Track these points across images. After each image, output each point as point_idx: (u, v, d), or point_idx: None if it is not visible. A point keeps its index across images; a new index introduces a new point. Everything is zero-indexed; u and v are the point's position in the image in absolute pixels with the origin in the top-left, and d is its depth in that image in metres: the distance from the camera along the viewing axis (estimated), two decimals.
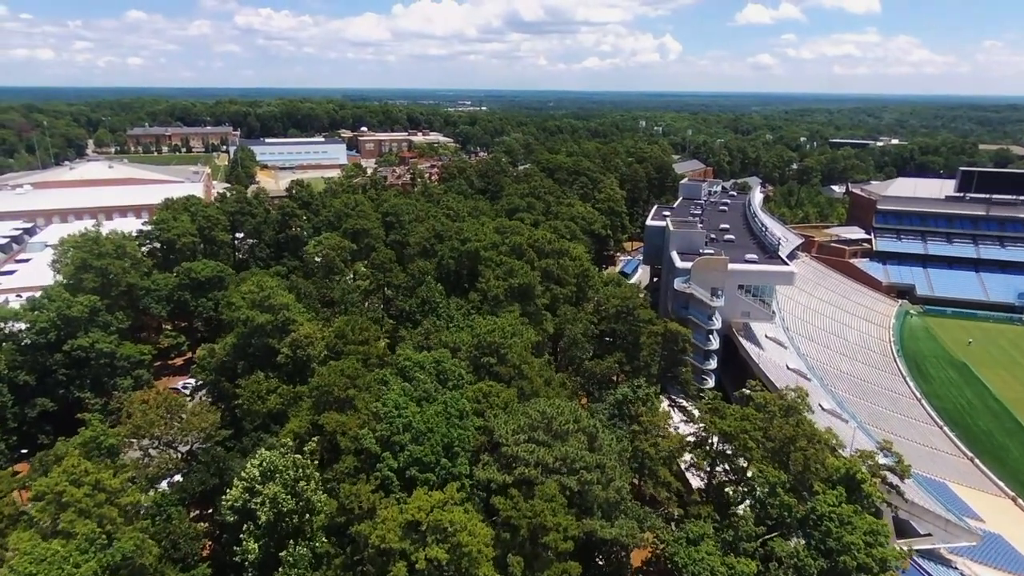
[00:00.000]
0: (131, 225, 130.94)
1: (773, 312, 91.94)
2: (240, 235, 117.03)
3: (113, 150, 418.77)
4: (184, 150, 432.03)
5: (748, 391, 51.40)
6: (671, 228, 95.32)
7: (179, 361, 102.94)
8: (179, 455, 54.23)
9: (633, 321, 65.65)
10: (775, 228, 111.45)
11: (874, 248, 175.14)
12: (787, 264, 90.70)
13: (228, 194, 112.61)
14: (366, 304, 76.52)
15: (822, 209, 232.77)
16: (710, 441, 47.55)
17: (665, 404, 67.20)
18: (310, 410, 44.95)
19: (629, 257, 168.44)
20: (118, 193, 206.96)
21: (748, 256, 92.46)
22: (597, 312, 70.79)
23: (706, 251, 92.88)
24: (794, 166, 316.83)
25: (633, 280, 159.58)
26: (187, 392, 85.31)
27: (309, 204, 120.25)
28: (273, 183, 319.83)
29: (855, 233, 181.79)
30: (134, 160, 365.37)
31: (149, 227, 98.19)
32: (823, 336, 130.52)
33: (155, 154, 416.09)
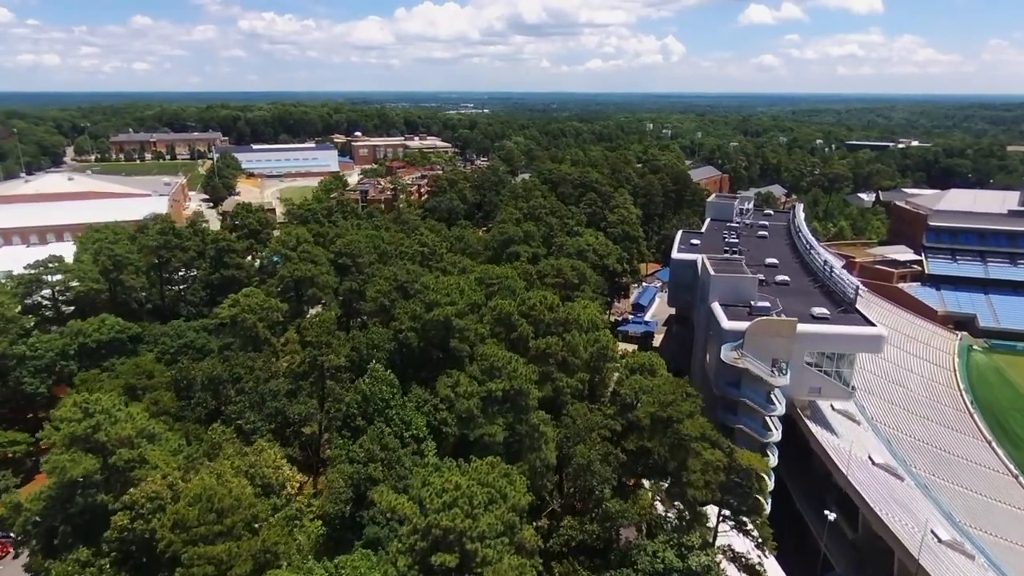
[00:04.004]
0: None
1: (853, 388, 69.09)
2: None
3: (93, 157, 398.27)
4: (169, 157, 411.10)
5: None
6: (711, 271, 72.58)
7: None
8: None
9: (676, 437, 43.41)
10: (837, 266, 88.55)
11: (926, 271, 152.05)
12: (872, 323, 67.87)
13: (151, 224, 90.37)
14: (294, 400, 54.24)
15: (855, 222, 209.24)
16: None
17: (722, 562, 44.57)
18: None
19: (645, 284, 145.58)
20: (72, 210, 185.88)
21: (816, 311, 69.58)
22: (620, 412, 48.43)
23: (759, 303, 70.15)
24: (816, 172, 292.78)
25: (650, 313, 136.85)
26: None
27: (258, 233, 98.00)
28: (258, 192, 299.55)
29: (903, 253, 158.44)
30: (115, 168, 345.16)
31: (33, 271, 75.89)
32: (883, 386, 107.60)
33: (138, 161, 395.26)
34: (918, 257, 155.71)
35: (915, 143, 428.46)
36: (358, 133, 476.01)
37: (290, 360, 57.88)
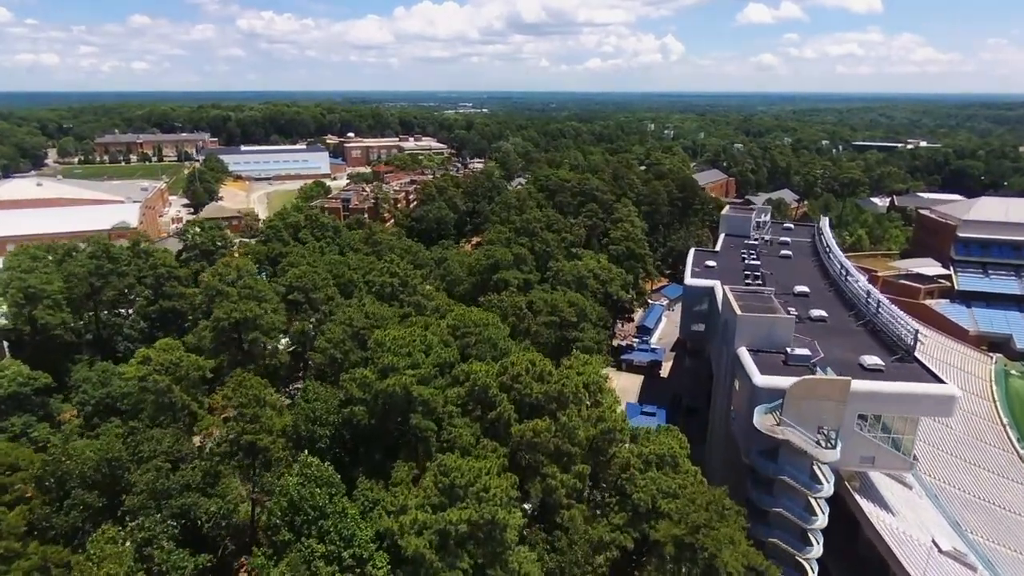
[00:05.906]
0: None
1: (914, 460, 56.73)
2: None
3: (77, 159, 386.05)
4: (156, 159, 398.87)
5: None
6: (737, 310, 60.12)
7: None
8: None
9: (710, 570, 31.34)
10: (884, 299, 75.77)
11: (955, 286, 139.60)
12: (939, 378, 55.57)
13: (83, 244, 77.78)
14: (213, 489, 41.83)
15: (871, 230, 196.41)
16: None
17: None
18: None
19: (651, 302, 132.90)
20: (35, 219, 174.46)
21: (867, 361, 57.06)
22: (632, 522, 36.16)
23: (797, 350, 57.71)
24: (827, 175, 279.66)
25: (656, 336, 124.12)
26: None
27: (211, 255, 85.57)
28: (244, 196, 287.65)
29: (929, 267, 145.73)
30: (98, 171, 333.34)
31: None
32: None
33: (123, 163, 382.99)
34: (946, 271, 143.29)
35: (923, 143, 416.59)
36: (351, 134, 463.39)
37: (209, 434, 45.57)
